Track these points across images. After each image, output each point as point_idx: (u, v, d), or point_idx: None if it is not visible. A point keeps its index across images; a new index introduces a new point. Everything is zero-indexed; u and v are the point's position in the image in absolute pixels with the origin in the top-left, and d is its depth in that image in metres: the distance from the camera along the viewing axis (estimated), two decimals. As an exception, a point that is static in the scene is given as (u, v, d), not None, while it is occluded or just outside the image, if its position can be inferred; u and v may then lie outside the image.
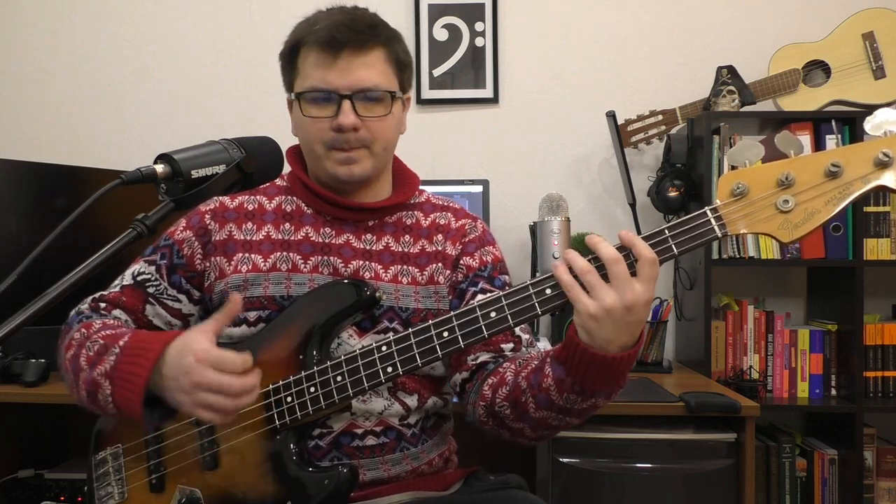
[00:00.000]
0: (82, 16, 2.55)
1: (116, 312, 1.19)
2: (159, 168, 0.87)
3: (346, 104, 1.12)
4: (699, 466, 1.66)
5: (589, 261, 0.92)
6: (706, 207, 0.93)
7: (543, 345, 1.96)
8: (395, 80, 1.18)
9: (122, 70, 2.54)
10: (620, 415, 1.67)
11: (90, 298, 1.21)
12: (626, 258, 0.91)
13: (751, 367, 2.19)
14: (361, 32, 1.12)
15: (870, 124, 0.90)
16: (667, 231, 0.93)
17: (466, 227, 1.27)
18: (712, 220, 0.92)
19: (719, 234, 0.92)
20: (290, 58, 1.18)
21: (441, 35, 2.45)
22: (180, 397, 0.98)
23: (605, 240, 0.92)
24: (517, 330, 1.20)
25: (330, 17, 1.14)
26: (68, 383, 1.11)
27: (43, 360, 1.81)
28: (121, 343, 1.04)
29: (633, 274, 0.90)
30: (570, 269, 0.92)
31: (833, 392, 2.18)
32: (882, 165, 0.87)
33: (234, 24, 2.51)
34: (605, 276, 0.91)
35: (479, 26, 2.45)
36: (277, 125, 1.40)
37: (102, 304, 1.19)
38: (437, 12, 2.45)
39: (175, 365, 0.98)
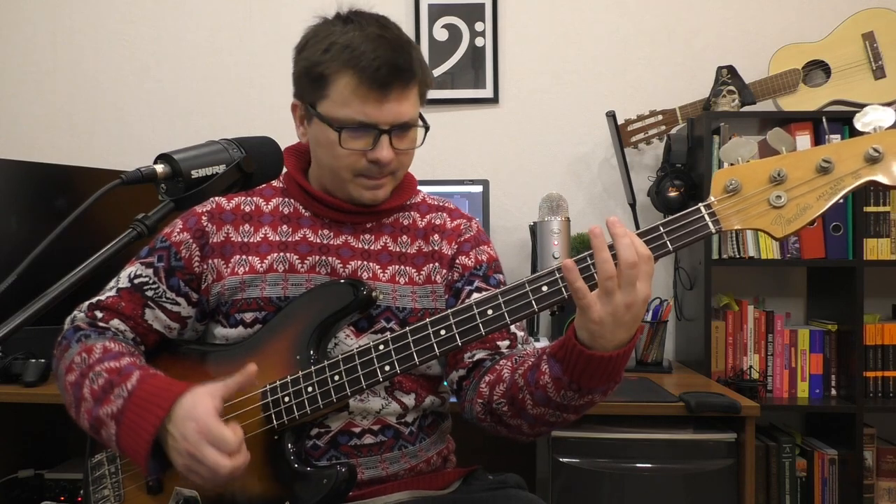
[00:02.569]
0: (82, 16, 2.55)
1: (115, 323, 1.17)
2: (159, 168, 0.87)
3: (385, 139, 1.12)
4: (699, 466, 1.66)
5: (585, 257, 0.92)
6: (700, 204, 0.94)
7: (543, 344, 1.96)
8: (420, 105, 1.18)
9: (122, 70, 2.54)
10: (620, 415, 1.67)
11: (86, 305, 1.19)
12: (615, 257, 0.91)
13: (751, 367, 2.19)
14: (407, 70, 1.11)
15: (860, 121, 0.92)
16: (661, 227, 0.94)
17: (462, 227, 1.27)
18: (706, 216, 0.93)
19: (713, 230, 0.93)
20: (321, 78, 1.13)
21: (441, 35, 2.46)
22: (175, 457, 0.99)
23: (626, 236, 0.90)
24: (513, 327, 1.20)
25: (374, 49, 1.09)
26: (67, 402, 1.11)
27: (43, 360, 1.81)
28: (128, 387, 1.03)
29: None
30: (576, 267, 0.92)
31: (833, 392, 2.18)
32: (872, 161, 0.90)
33: (233, 24, 2.51)
34: (593, 275, 0.91)
35: (479, 26, 2.45)
36: (277, 125, 1.41)
37: (100, 314, 1.17)
38: (437, 12, 2.45)
39: (179, 426, 0.98)
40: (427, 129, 1.18)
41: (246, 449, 0.99)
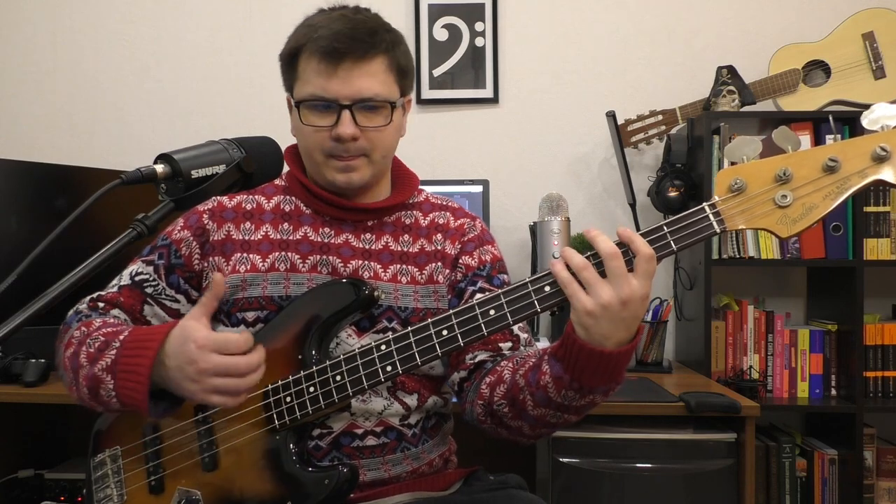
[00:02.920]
0: (82, 16, 2.55)
1: (115, 312, 1.18)
2: (159, 168, 0.87)
3: (346, 114, 1.12)
4: (699, 466, 1.66)
5: (588, 257, 0.92)
6: (704, 203, 0.93)
7: (543, 344, 1.96)
8: (395, 87, 1.17)
9: (122, 70, 2.54)
10: (620, 415, 1.67)
11: (88, 298, 1.20)
12: (625, 254, 0.91)
13: (751, 367, 2.19)
14: (363, 41, 1.11)
15: (867, 119, 0.91)
16: (665, 227, 0.93)
17: (465, 227, 1.27)
18: (710, 216, 0.92)
19: (717, 230, 0.92)
20: (291, 61, 1.17)
21: (441, 35, 2.45)
22: (188, 386, 0.97)
23: (602, 234, 0.92)
24: (515, 329, 1.20)
25: (331, 24, 1.12)
26: (67, 382, 1.11)
27: (43, 360, 1.81)
28: (120, 338, 1.04)
29: (631, 270, 0.90)
30: (568, 266, 0.92)
31: (833, 392, 2.18)
32: (880, 160, 0.88)
33: (233, 24, 2.51)
34: (602, 273, 0.91)
35: (479, 26, 2.45)
36: (277, 125, 1.40)
37: (101, 304, 1.19)
38: (437, 12, 2.45)
39: (178, 354, 0.98)
40: (394, 106, 1.16)
41: (262, 348, 0.99)
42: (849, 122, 2.14)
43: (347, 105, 1.12)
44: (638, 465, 1.66)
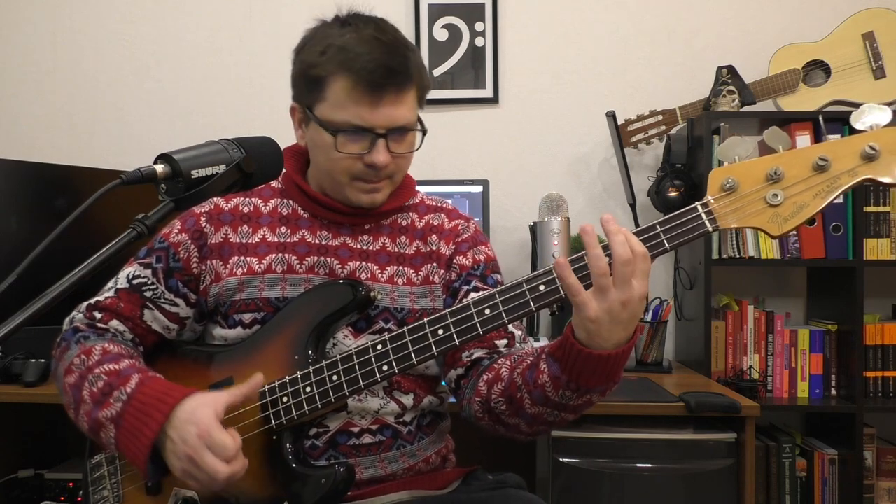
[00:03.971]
0: (82, 16, 2.55)
1: (114, 323, 1.17)
2: (159, 168, 0.87)
3: (381, 142, 1.12)
4: (699, 466, 1.66)
5: (579, 257, 0.93)
6: (696, 202, 0.94)
7: (543, 343, 1.96)
8: (418, 108, 1.18)
9: (122, 70, 2.55)
10: (620, 415, 1.67)
11: (84, 306, 1.19)
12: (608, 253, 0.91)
13: (751, 367, 2.19)
14: (401, 73, 1.10)
15: (857, 119, 0.92)
16: (658, 226, 0.94)
17: (459, 228, 1.27)
18: (703, 215, 0.93)
19: (710, 229, 0.93)
20: (317, 80, 1.13)
21: (441, 35, 2.46)
22: (174, 461, 0.99)
23: (620, 232, 0.90)
24: (510, 326, 1.20)
25: (369, 52, 1.09)
26: (66, 403, 1.11)
27: (43, 360, 1.81)
28: (127, 390, 1.03)
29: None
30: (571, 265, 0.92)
31: (833, 392, 2.18)
32: (869, 158, 0.90)
33: (233, 24, 2.51)
34: (585, 267, 0.92)
35: (479, 26, 2.45)
36: (277, 125, 1.41)
37: (98, 315, 1.17)
38: (437, 12, 2.45)
39: (179, 430, 0.98)
40: (424, 132, 1.18)
41: (243, 456, 0.99)
42: (848, 122, 2.14)
43: (383, 133, 1.12)
44: (638, 465, 1.66)
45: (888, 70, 2.22)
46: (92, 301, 1.19)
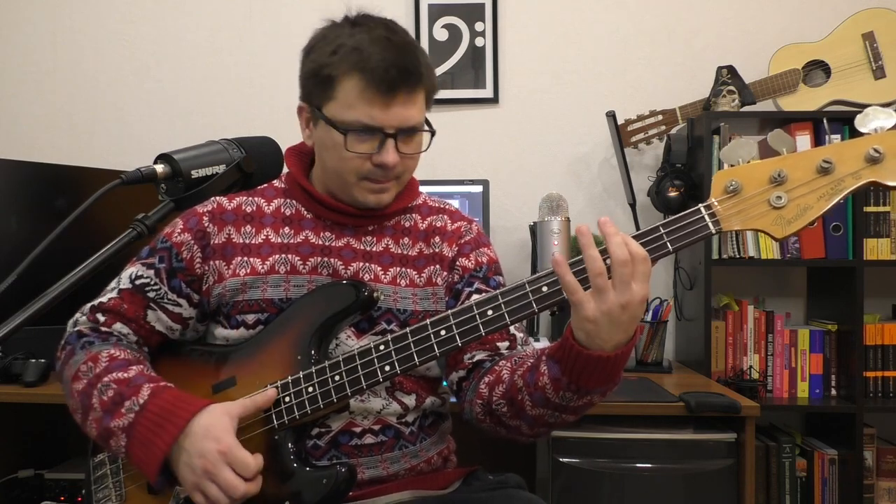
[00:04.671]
0: (82, 16, 2.55)
1: (117, 326, 1.16)
2: (159, 168, 0.87)
3: (390, 142, 1.12)
4: (699, 466, 1.66)
5: (578, 261, 0.92)
6: (700, 205, 0.94)
7: (542, 344, 1.97)
8: (426, 110, 1.18)
9: (122, 70, 2.54)
10: (620, 415, 1.67)
11: (87, 308, 1.18)
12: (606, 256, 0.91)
13: (751, 367, 2.19)
14: (413, 73, 1.10)
15: (861, 122, 0.92)
16: (661, 228, 0.94)
17: (462, 229, 1.28)
18: (706, 217, 0.93)
19: (713, 231, 0.93)
20: (329, 80, 1.13)
21: (441, 35, 2.46)
22: (186, 474, 0.99)
23: (617, 234, 0.90)
24: (512, 328, 1.20)
25: (381, 52, 1.09)
26: (72, 407, 1.11)
27: (43, 360, 1.81)
28: (140, 401, 1.04)
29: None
30: (570, 268, 0.92)
31: (833, 392, 2.18)
32: (873, 161, 0.89)
33: (233, 24, 2.51)
34: (583, 269, 0.91)
35: (479, 26, 2.45)
36: (277, 125, 1.41)
37: (102, 317, 1.16)
38: (437, 12, 2.45)
39: (195, 440, 0.99)
40: (433, 133, 1.18)
41: (260, 478, 1.00)
42: (848, 122, 2.14)
43: (392, 133, 1.12)
44: (638, 465, 1.66)
45: (888, 70, 2.22)
46: (95, 303, 1.18)
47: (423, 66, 1.13)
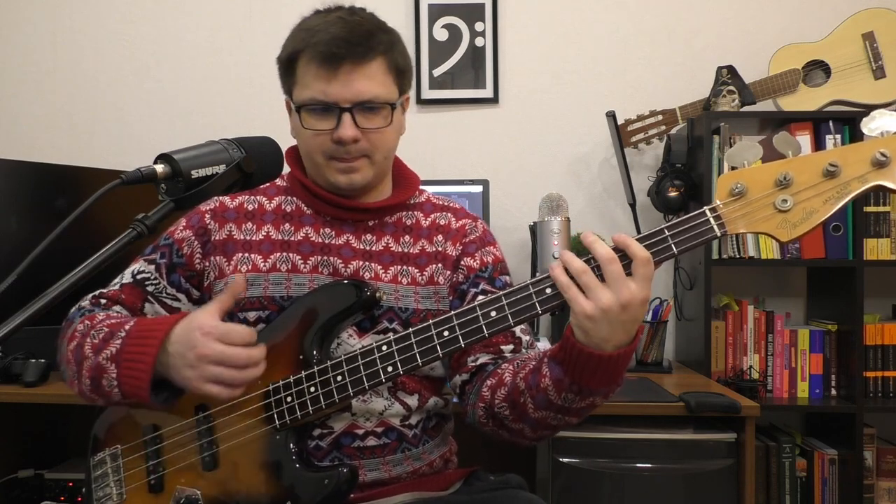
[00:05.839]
0: (82, 16, 2.55)
1: (117, 308, 1.19)
2: (159, 168, 0.87)
3: (346, 117, 1.12)
4: (699, 466, 1.66)
5: (586, 261, 0.92)
6: (705, 207, 0.93)
7: (543, 345, 1.96)
8: (394, 87, 1.17)
9: (122, 70, 2.54)
10: (620, 415, 1.67)
11: (90, 295, 1.21)
12: (623, 258, 0.91)
13: (751, 367, 2.19)
14: (360, 45, 1.11)
15: (867, 125, 0.91)
16: (666, 231, 0.93)
17: (467, 228, 1.27)
18: (711, 220, 0.93)
19: (718, 234, 0.92)
20: (289, 65, 1.17)
21: (441, 35, 2.45)
22: (186, 373, 0.98)
23: (599, 239, 0.92)
24: (517, 331, 1.20)
25: (329, 28, 1.12)
26: (69, 375, 1.11)
27: (43, 360, 1.81)
28: (126, 328, 1.05)
29: (630, 274, 0.91)
30: (567, 270, 0.92)
31: (833, 392, 2.18)
32: (879, 165, 0.89)
33: (233, 24, 2.51)
34: (601, 277, 0.91)
35: (479, 26, 2.45)
36: (277, 125, 1.40)
37: (103, 301, 1.19)
38: (437, 12, 2.45)
39: (181, 341, 0.99)
40: (393, 107, 1.16)
41: (263, 346, 1.00)
42: (848, 122, 2.14)
43: (347, 108, 1.12)
44: (638, 465, 1.66)
45: (888, 70, 2.22)
46: (97, 292, 1.21)
47: (375, 40, 1.13)
